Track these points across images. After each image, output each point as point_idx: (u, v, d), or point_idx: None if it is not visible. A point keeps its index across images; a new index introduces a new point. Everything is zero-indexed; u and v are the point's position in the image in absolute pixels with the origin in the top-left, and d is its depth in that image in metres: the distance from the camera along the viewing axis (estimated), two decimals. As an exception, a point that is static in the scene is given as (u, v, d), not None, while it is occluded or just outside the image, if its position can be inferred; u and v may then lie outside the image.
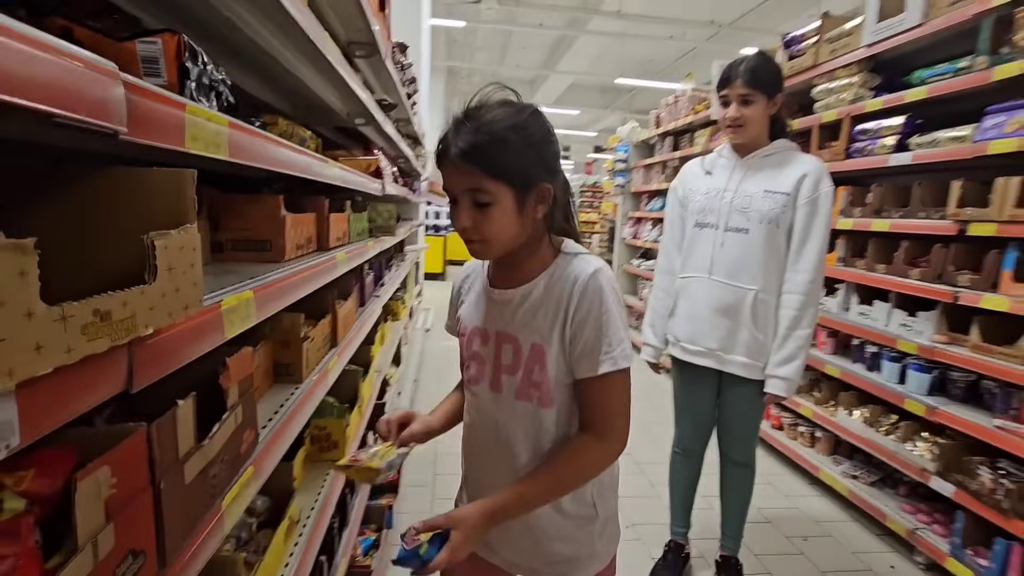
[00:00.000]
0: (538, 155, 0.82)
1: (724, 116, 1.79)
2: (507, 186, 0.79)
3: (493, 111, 0.80)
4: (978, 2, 1.98)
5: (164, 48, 0.53)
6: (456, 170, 0.79)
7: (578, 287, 0.84)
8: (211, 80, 0.63)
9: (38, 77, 0.33)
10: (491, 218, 0.80)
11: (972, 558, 1.94)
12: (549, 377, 0.86)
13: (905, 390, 2.25)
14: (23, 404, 0.32)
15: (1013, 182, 1.82)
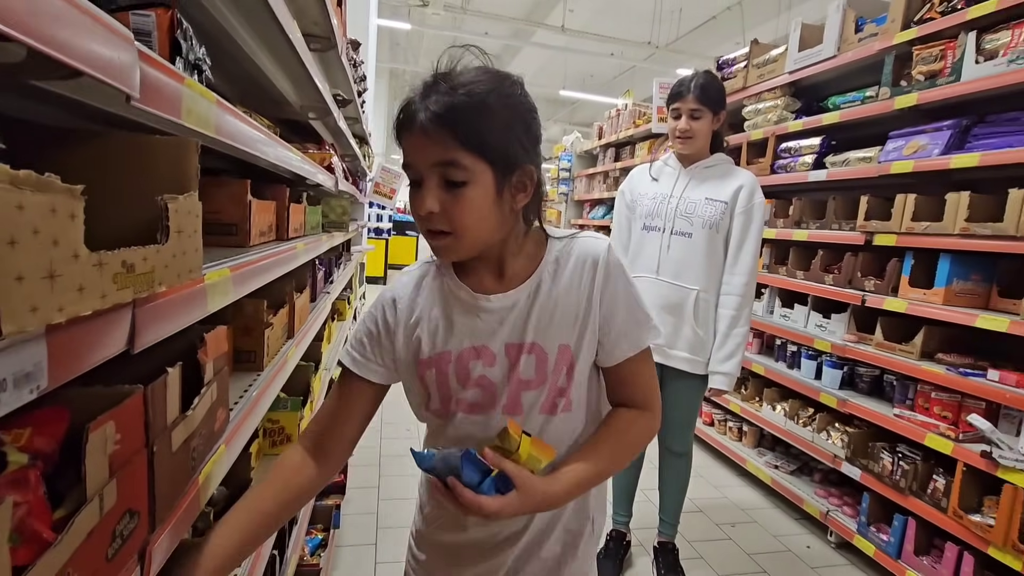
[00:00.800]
0: (522, 132, 0.69)
1: (675, 127, 1.92)
2: (486, 163, 0.65)
3: (471, 73, 0.67)
4: (882, 39, 2.24)
5: (158, 22, 0.54)
6: (423, 139, 0.64)
7: (601, 267, 0.74)
8: (196, 58, 0.63)
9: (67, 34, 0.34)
10: (465, 201, 0.65)
11: (875, 534, 2.16)
12: (573, 379, 0.76)
13: (820, 385, 2.48)
14: (52, 348, 0.33)
15: (910, 198, 2.07)
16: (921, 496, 1.98)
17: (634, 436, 0.78)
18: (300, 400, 1.37)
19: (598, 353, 0.78)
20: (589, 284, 0.75)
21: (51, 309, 0.29)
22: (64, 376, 0.35)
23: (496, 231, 0.71)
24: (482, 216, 0.68)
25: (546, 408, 0.75)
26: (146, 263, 0.39)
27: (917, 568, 1.98)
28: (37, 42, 0.31)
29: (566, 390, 0.76)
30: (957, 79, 1.93)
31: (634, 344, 0.76)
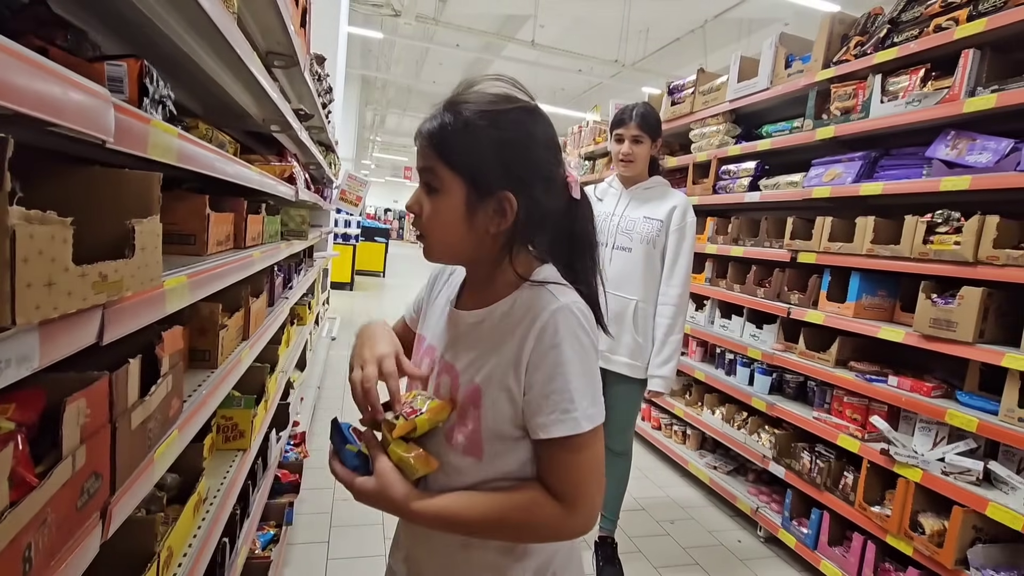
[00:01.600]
0: (509, 157, 0.69)
1: (618, 151, 2.09)
2: (459, 179, 0.69)
3: (475, 96, 0.71)
4: (806, 76, 2.47)
5: (128, 71, 0.64)
6: (419, 147, 0.73)
7: (538, 324, 0.68)
8: (160, 95, 0.74)
9: (65, 102, 0.45)
10: (435, 207, 0.71)
11: (796, 527, 2.35)
12: (481, 425, 0.71)
13: (752, 390, 2.67)
14: (43, 338, 0.43)
15: (827, 221, 2.29)
16: (834, 491, 2.18)
17: (536, 516, 0.69)
18: (254, 399, 1.45)
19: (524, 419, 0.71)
20: (520, 341, 0.69)
21: (48, 308, 0.40)
22: (50, 360, 0.46)
23: (468, 248, 0.73)
24: (446, 226, 0.71)
25: (449, 438, 0.73)
26: (116, 273, 0.49)
27: (830, 557, 2.18)
28: (32, 110, 0.42)
29: (473, 434, 0.72)
30: (866, 116, 2.16)
31: (544, 428, 0.68)
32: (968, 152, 1.82)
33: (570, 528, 0.71)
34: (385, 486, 0.68)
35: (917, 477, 1.84)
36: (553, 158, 0.74)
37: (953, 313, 1.77)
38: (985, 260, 1.70)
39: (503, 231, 0.72)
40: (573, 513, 0.69)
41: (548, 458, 0.70)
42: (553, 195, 0.75)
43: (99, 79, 0.64)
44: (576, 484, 0.69)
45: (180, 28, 1.07)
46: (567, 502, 0.69)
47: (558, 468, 0.70)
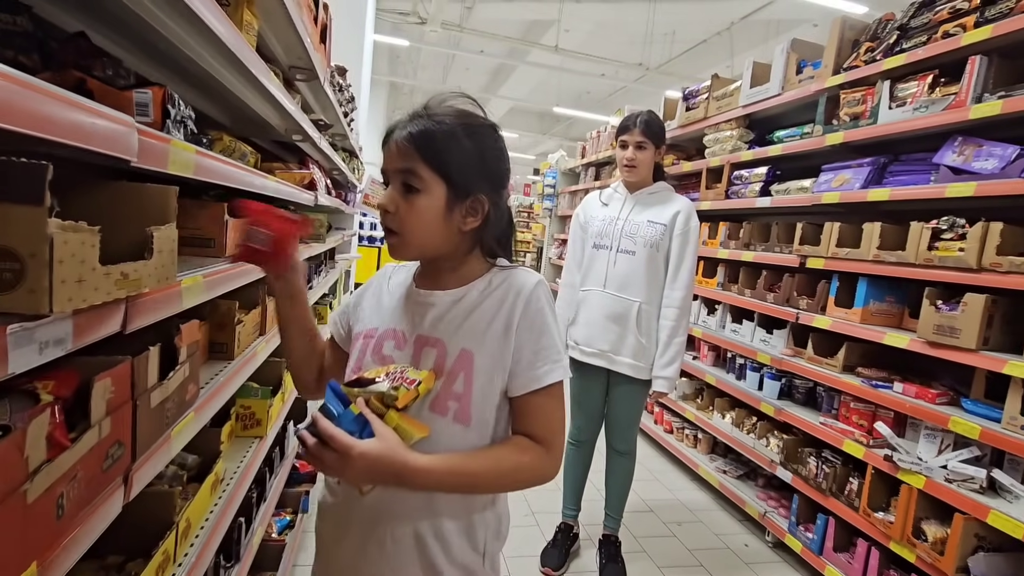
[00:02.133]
0: (484, 165, 0.80)
1: (623, 157, 2.15)
2: (441, 180, 0.77)
3: (451, 109, 0.80)
4: (817, 82, 2.48)
5: (153, 97, 0.74)
6: (396, 150, 0.77)
7: (524, 295, 0.80)
8: (182, 116, 0.84)
9: (95, 129, 0.55)
10: (415, 208, 0.77)
11: (803, 533, 2.35)
12: (472, 389, 0.78)
13: (761, 395, 2.68)
14: (76, 325, 0.53)
15: (835, 226, 2.29)
16: (839, 497, 2.18)
17: (518, 464, 0.78)
18: (271, 390, 1.56)
19: (508, 383, 0.80)
20: (509, 309, 0.80)
21: (79, 300, 0.49)
22: (81, 343, 0.55)
23: (440, 243, 0.81)
24: (426, 224, 0.78)
25: (437, 406, 0.78)
26: (136, 272, 0.59)
27: (836, 563, 2.18)
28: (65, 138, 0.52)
29: (461, 397, 0.78)
30: (875, 122, 2.16)
31: (537, 378, 0.79)
32: (975, 158, 1.81)
33: (548, 470, 0.80)
34: (391, 447, 0.70)
35: (920, 484, 1.84)
36: (508, 170, 0.86)
37: (956, 320, 1.76)
38: (989, 267, 1.70)
39: (473, 228, 0.82)
40: (550, 454, 0.80)
41: (534, 406, 0.80)
42: (504, 201, 0.86)
43: (128, 105, 0.74)
44: (554, 427, 0.81)
45: (206, 54, 1.18)
46: (546, 444, 0.80)
47: (541, 413, 0.80)
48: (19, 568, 0.48)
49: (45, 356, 0.50)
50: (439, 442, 0.77)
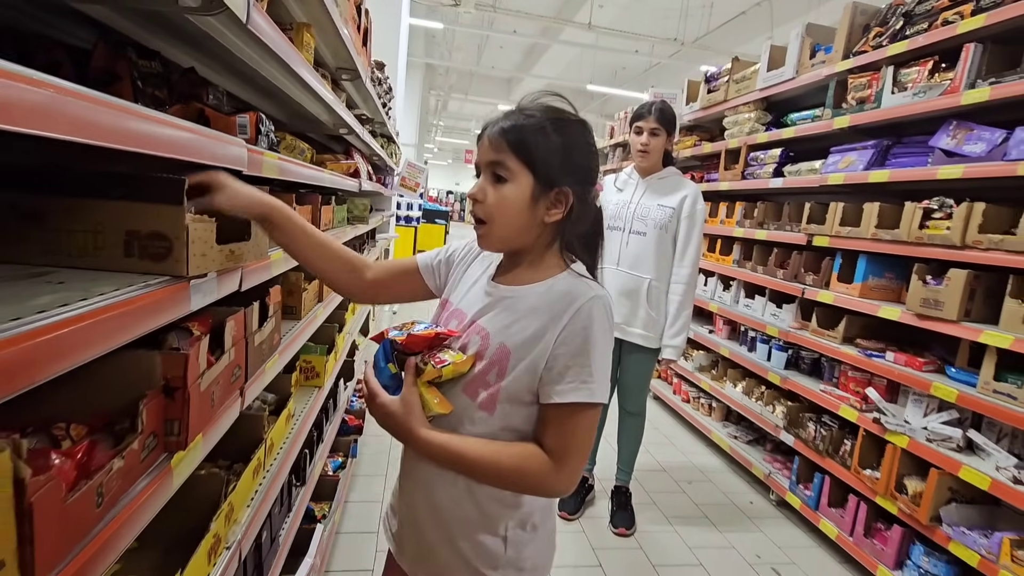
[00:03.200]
0: (570, 159, 0.82)
1: (637, 142, 2.34)
2: (529, 171, 0.80)
3: (542, 106, 0.84)
4: (827, 66, 2.58)
5: (250, 120, 1.02)
6: (488, 144, 0.82)
7: (575, 306, 0.79)
8: (266, 131, 1.11)
9: (224, 151, 0.82)
10: (503, 196, 0.81)
11: (802, 490, 2.55)
12: (503, 384, 0.80)
13: (769, 366, 2.85)
14: (218, 283, 0.81)
15: (839, 206, 2.42)
16: (834, 457, 2.36)
17: (520, 468, 0.79)
18: (327, 348, 1.87)
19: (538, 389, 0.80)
20: (557, 316, 0.79)
21: (204, 268, 0.76)
22: (220, 295, 0.84)
23: (523, 233, 0.83)
24: (512, 212, 0.81)
25: (469, 390, 0.82)
26: (239, 249, 0.86)
27: (830, 518, 2.37)
28: (210, 160, 0.79)
29: (492, 388, 0.81)
30: (878, 106, 2.27)
31: (565, 392, 0.77)
32: (966, 142, 1.92)
33: (553, 484, 0.80)
34: (407, 411, 0.80)
35: (904, 444, 2.01)
36: (597, 167, 0.88)
37: (941, 293, 1.91)
38: (971, 244, 1.83)
39: (555, 222, 0.84)
40: (559, 471, 0.79)
41: (552, 420, 0.79)
42: (592, 199, 0.87)
43: (233, 127, 1.02)
44: (569, 446, 0.79)
45: (274, 71, 1.46)
46: (557, 459, 0.79)
47: (559, 428, 0.79)
48: (195, 433, 0.77)
49: (204, 302, 0.78)
50: (463, 420, 0.82)
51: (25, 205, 0.70)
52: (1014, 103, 1.81)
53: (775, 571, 2.24)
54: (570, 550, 2.27)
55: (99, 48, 0.92)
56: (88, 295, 0.55)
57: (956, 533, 1.82)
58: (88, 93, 0.48)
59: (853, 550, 2.23)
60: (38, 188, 0.70)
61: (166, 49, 1.16)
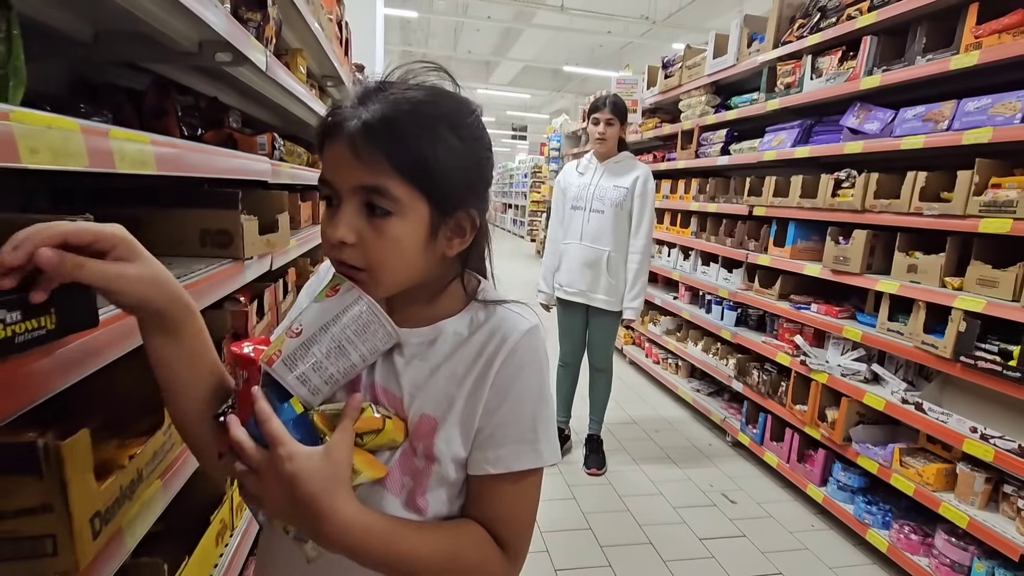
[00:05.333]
0: (473, 171, 0.59)
1: (595, 131, 2.66)
2: (422, 196, 0.55)
3: (423, 90, 0.57)
4: (761, 54, 2.89)
5: (268, 139, 1.32)
6: (349, 153, 0.53)
7: (508, 347, 0.60)
8: (279, 146, 1.42)
9: (253, 167, 1.14)
10: (387, 236, 0.55)
11: (750, 429, 2.94)
12: (433, 469, 0.60)
13: (722, 324, 3.22)
14: (258, 263, 1.13)
15: (773, 179, 2.76)
16: (773, 398, 2.74)
17: (482, 564, 0.60)
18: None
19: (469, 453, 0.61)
20: (486, 362, 0.60)
21: (252, 253, 1.07)
22: (260, 272, 1.16)
23: (416, 275, 0.60)
24: (405, 256, 0.57)
25: (389, 483, 0.59)
26: (273, 238, 1.18)
27: (772, 450, 2.76)
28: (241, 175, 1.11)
29: (421, 478, 0.60)
30: (801, 90, 2.60)
31: (508, 458, 0.60)
32: (866, 121, 2.26)
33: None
34: (334, 473, 0.51)
35: (824, 380, 2.38)
36: (492, 168, 0.65)
37: (848, 251, 2.26)
38: (869, 208, 2.18)
39: (459, 252, 0.62)
40: (513, 562, 0.62)
41: (495, 497, 0.61)
42: (488, 208, 0.65)
43: (255, 145, 1.33)
44: (522, 531, 0.63)
45: (275, 92, 1.75)
46: (509, 551, 0.61)
47: (506, 509, 0.61)
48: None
49: (253, 276, 1.10)
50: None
51: (125, 214, 1.01)
52: (901, 87, 2.15)
53: (725, 496, 2.63)
54: (547, 489, 2.60)
55: (151, 91, 1.22)
56: (190, 271, 0.87)
57: (862, 449, 2.20)
58: (194, 145, 0.80)
59: (790, 474, 2.62)
60: (136, 202, 1.01)
61: (194, 82, 1.46)
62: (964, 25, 1.87)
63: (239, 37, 1.05)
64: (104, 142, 0.57)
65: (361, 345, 0.55)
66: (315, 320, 0.53)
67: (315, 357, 0.53)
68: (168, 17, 0.96)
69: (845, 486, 2.32)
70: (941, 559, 1.89)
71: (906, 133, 2.05)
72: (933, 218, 1.91)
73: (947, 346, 1.82)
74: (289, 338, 0.53)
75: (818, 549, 2.25)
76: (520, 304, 0.66)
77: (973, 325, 1.76)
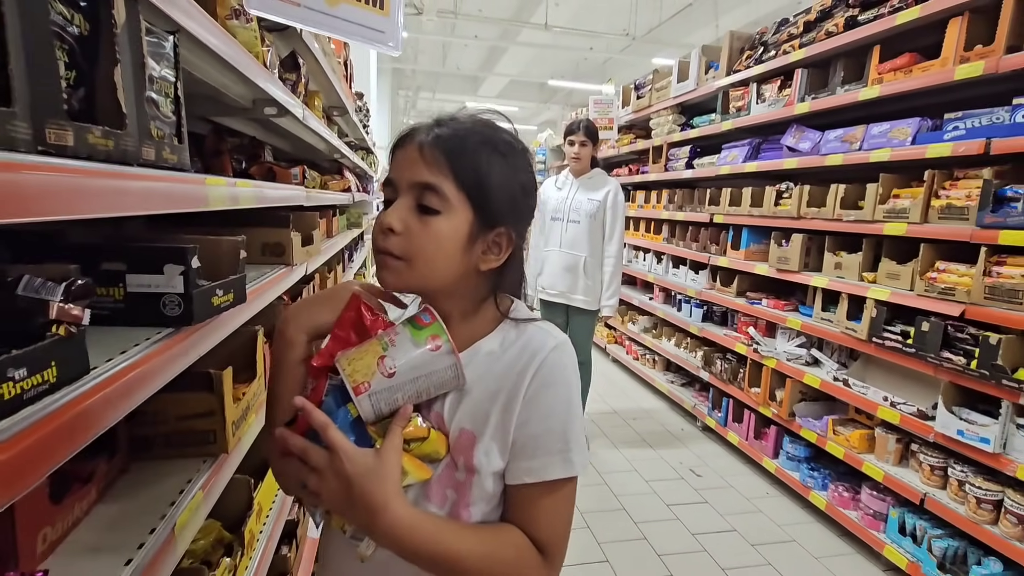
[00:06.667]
0: (516, 194, 0.66)
1: (570, 152, 3.02)
2: (469, 203, 0.63)
3: (488, 126, 0.67)
4: (716, 81, 3.28)
5: (299, 170, 1.65)
6: (416, 156, 0.62)
7: (537, 362, 0.64)
8: (308, 176, 1.75)
9: (295, 194, 1.48)
10: (431, 232, 0.62)
11: (715, 414, 3.28)
12: (474, 481, 0.64)
13: (691, 320, 3.57)
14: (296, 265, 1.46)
15: (728, 191, 3.14)
16: (733, 383, 3.09)
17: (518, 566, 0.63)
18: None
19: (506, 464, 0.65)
20: (517, 377, 0.64)
21: (300, 260, 1.40)
22: (302, 275, 1.49)
23: (449, 278, 0.65)
24: (443, 254, 0.63)
25: (433, 495, 0.64)
26: (311, 248, 1.51)
27: (735, 430, 3.11)
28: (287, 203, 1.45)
29: (463, 489, 0.64)
30: (749, 113, 2.98)
31: (542, 468, 0.63)
32: (801, 141, 2.63)
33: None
34: (386, 473, 0.56)
35: (773, 364, 2.74)
36: (535, 205, 0.72)
37: (788, 252, 2.63)
38: (803, 215, 2.55)
39: (491, 268, 0.67)
40: (549, 567, 0.65)
41: (531, 505, 0.65)
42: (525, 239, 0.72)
43: (289, 176, 1.66)
44: (558, 536, 0.66)
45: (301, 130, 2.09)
46: (547, 555, 0.65)
47: (542, 516, 0.65)
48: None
49: (298, 278, 1.44)
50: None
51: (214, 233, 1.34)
52: (827, 112, 2.52)
53: (692, 471, 2.96)
54: (536, 467, 2.96)
55: (210, 137, 1.55)
56: (260, 275, 1.20)
57: (804, 422, 2.55)
58: (272, 184, 1.13)
59: (748, 450, 2.96)
60: (212, 223, 1.34)
61: (235, 123, 1.79)
62: (870, 63, 2.25)
63: (283, 96, 1.39)
64: (234, 190, 0.90)
65: (435, 391, 0.62)
66: (410, 370, 0.59)
67: (395, 397, 0.59)
68: (233, 84, 1.30)
69: (793, 456, 2.67)
70: (865, 510, 2.23)
71: (830, 152, 2.43)
72: (850, 223, 2.28)
73: (863, 330, 2.18)
74: (382, 375, 0.57)
75: (770, 511, 2.59)
76: (546, 321, 0.72)
77: (881, 311, 2.12)
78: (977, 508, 1.81)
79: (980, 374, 1.74)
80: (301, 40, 1.64)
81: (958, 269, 1.92)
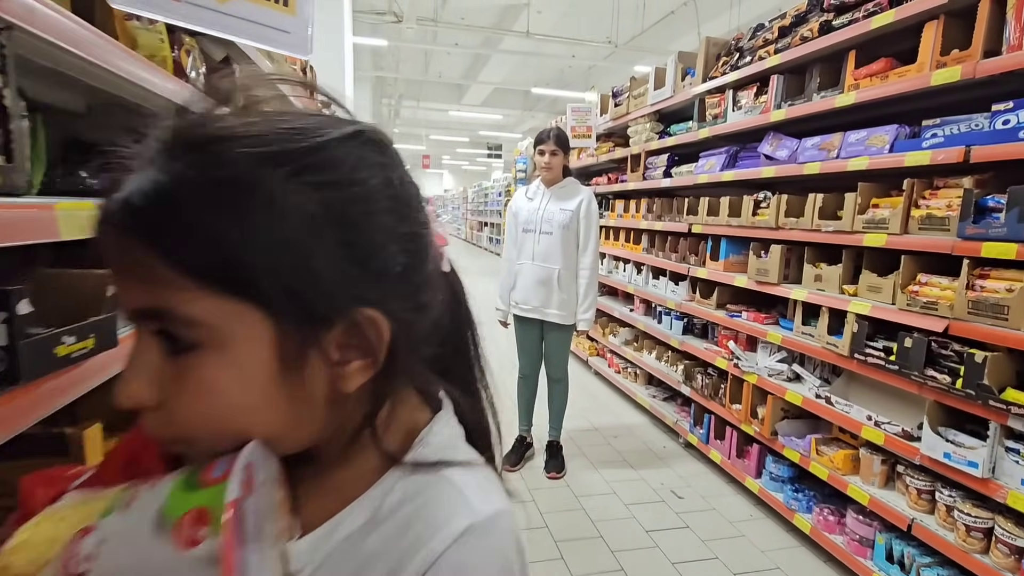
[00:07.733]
0: (362, 238, 0.36)
1: (541, 162, 2.91)
2: (252, 307, 0.33)
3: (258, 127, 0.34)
4: (693, 87, 3.20)
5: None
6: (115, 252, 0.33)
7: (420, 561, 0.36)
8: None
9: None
10: (198, 386, 0.33)
11: (697, 430, 3.17)
12: None
13: (671, 333, 3.47)
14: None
15: (706, 200, 3.04)
16: (714, 399, 2.98)
17: None
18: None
19: None
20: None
21: None
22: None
23: (276, 429, 0.35)
24: (237, 415, 0.34)
25: None
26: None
27: (717, 448, 3.00)
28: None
29: None
30: (726, 120, 2.89)
31: None
32: (778, 149, 2.55)
33: None
34: None
35: (754, 380, 2.63)
36: (421, 218, 0.41)
37: (767, 264, 2.53)
38: (781, 226, 2.46)
39: (363, 383, 0.38)
40: None
41: None
42: (430, 285, 0.41)
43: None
44: None
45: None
46: None
47: None
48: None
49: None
50: None
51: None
52: (804, 119, 2.44)
53: (674, 493, 2.85)
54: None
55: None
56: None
57: (787, 441, 2.44)
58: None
59: (731, 469, 2.85)
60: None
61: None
62: (846, 68, 2.17)
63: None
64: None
65: None
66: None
67: None
68: (147, 95, 1.17)
69: (776, 477, 2.56)
70: (851, 535, 2.13)
71: (807, 160, 2.34)
72: (829, 234, 2.19)
73: (845, 345, 2.08)
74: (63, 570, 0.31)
75: (753, 536, 2.47)
76: (474, 466, 0.42)
77: (863, 326, 2.02)
78: (967, 536, 1.71)
79: (966, 394, 1.65)
80: (234, 43, 1.51)
81: (940, 282, 1.83)
